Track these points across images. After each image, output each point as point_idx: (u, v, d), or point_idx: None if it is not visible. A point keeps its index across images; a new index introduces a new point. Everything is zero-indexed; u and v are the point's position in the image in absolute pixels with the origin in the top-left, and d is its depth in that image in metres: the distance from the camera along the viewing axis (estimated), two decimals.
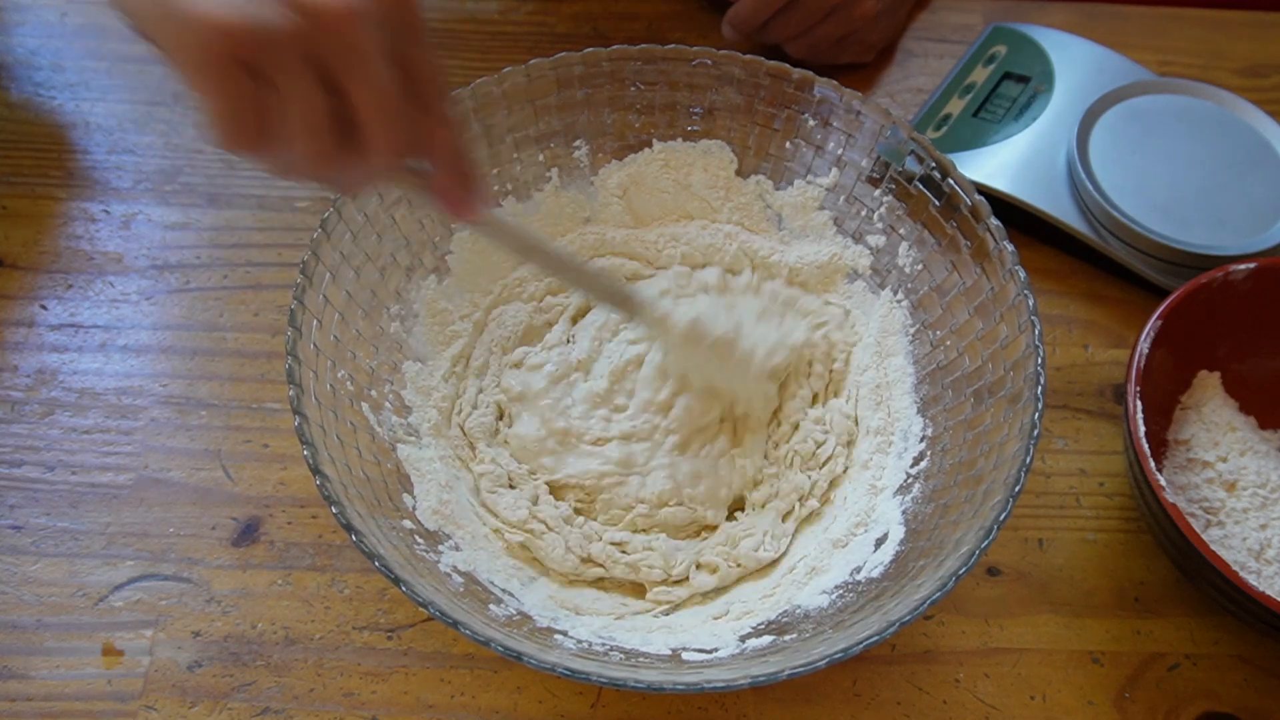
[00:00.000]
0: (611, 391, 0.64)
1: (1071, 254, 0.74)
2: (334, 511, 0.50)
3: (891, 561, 0.56)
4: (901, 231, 0.66)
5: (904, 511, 0.58)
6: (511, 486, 0.62)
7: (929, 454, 0.60)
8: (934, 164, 0.63)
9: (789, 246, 0.69)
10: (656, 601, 0.59)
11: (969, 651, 0.60)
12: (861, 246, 0.67)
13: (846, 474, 0.63)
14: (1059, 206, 0.73)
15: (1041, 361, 0.55)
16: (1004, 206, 0.73)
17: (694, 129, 0.69)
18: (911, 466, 0.60)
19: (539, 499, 0.61)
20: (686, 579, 0.59)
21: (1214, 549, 0.55)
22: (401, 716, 0.57)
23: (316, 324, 0.57)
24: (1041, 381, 0.55)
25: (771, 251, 0.69)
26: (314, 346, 0.56)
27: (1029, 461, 0.52)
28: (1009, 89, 0.79)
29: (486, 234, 0.53)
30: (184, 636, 0.58)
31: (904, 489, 0.60)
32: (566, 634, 0.54)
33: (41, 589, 0.60)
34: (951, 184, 0.62)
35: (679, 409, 0.62)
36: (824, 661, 0.48)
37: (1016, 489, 0.52)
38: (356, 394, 0.59)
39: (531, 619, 0.55)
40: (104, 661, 0.58)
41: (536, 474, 0.62)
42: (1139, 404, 0.58)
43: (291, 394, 0.53)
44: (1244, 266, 0.63)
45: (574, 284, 0.59)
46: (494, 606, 0.54)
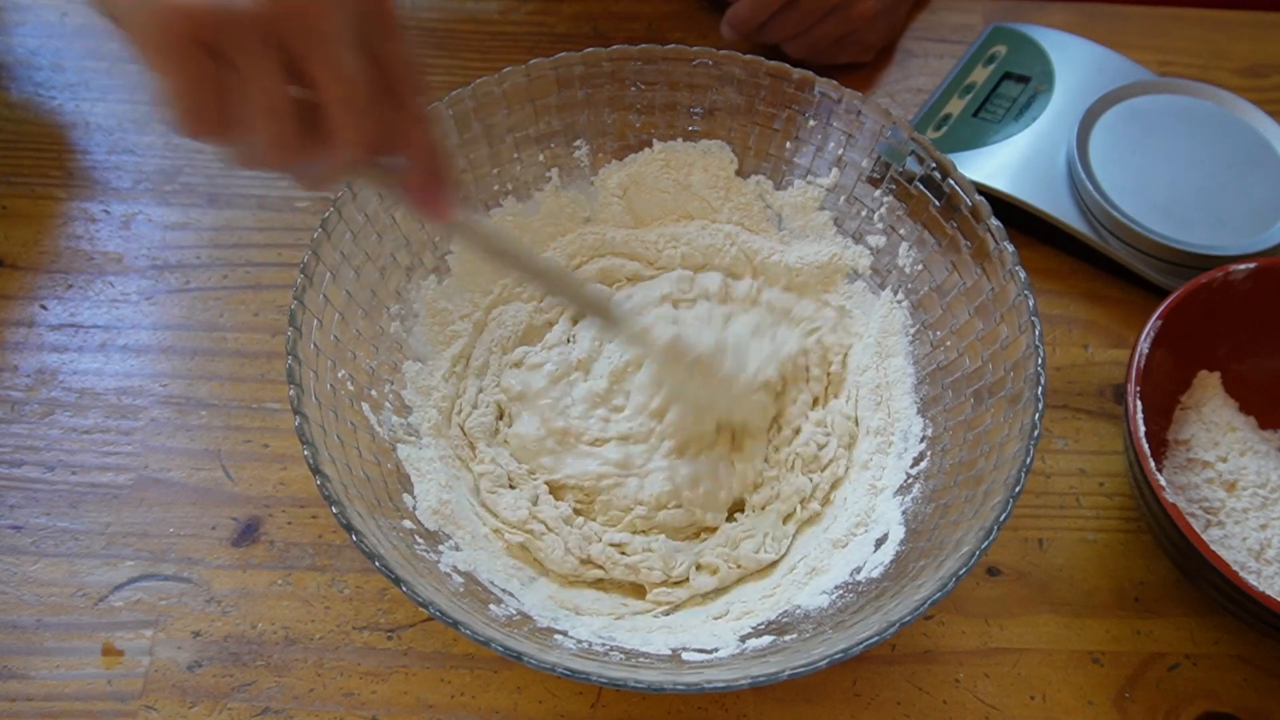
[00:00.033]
0: (610, 391, 0.64)
1: (1071, 254, 0.74)
2: (334, 511, 0.50)
3: (891, 561, 0.56)
4: (902, 232, 0.66)
5: (904, 512, 0.58)
6: (511, 486, 0.62)
7: (929, 454, 0.60)
8: (934, 164, 0.63)
9: (789, 247, 0.69)
10: (656, 602, 0.59)
11: (969, 651, 0.60)
12: (861, 247, 0.67)
13: (847, 474, 0.63)
14: (1059, 206, 0.73)
15: (1041, 362, 0.55)
16: (1004, 206, 0.73)
17: (694, 129, 0.69)
18: (911, 467, 0.60)
19: (539, 499, 0.61)
20: (686, 580, 0.59)
21: (1214, 549, 0.56)
22: (401, 716, 0.57)
23: (316, 324, 0.57)
24: (1041, 382, 0.55)
25: (771, 252, 0.69)
26: (314, 346, 0.56)
27: (1029, 461, 0.52)
28: (1009, 89, 0.79)
29: (461, 237, 0.51)
30: (184, 636, 0.58)
31: (904, 489, 0.60)
32: (566, 634, 0.54)
33: (41, 589, 0.60)
34: (952, 184, 0.62)
35: (673, 415, 0.62)
36: (824, 661, 0.48)
37: (1016, 489, 0.52)
38: (356, 394, 0.59)
39: (531, 619, 0.55)
40: (104, 661, 0.58)
41: (536, 474, 0.62)
42: (1139, 404, 0.58)
43: (291, 394, 0.53)
44: (1244, 266, 0.63)
45: (553, 292, 0.57)
46: (494, 606, 0.54)
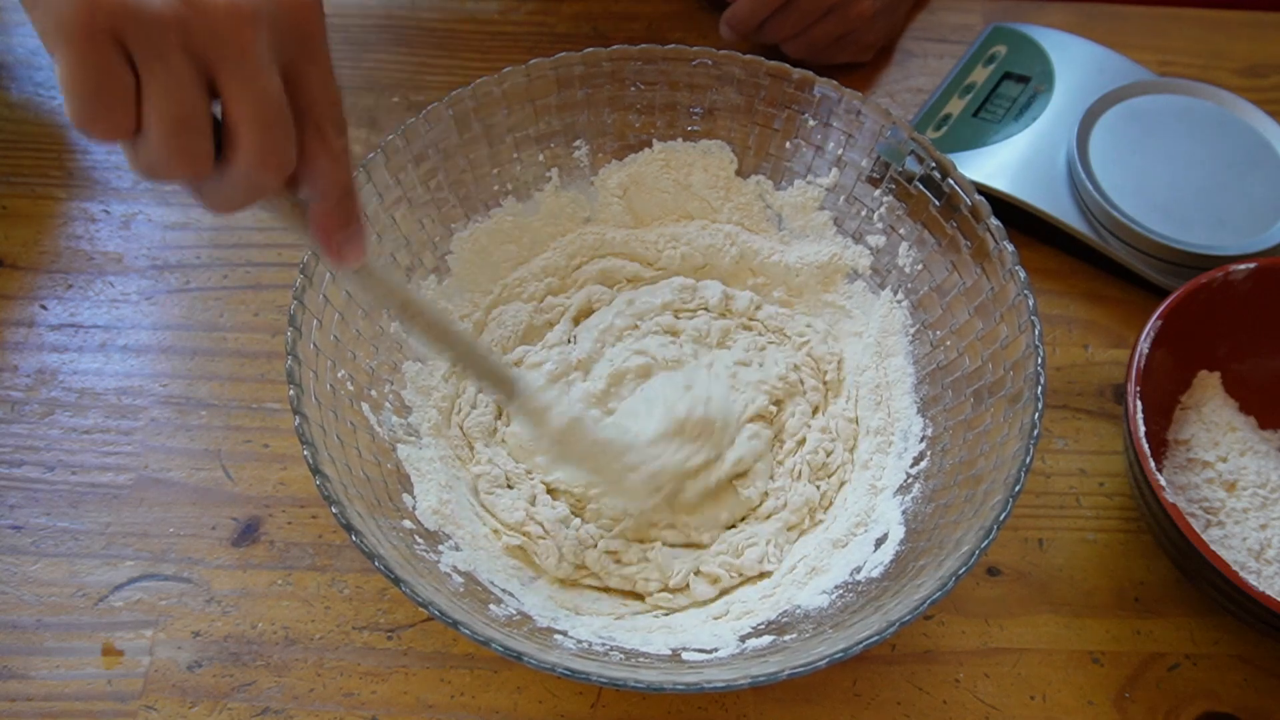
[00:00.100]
0: (607, 394, 0.64)
1: (1071, 254, 0.74)
2: (334, 511, 0.50)
3: (891, 561, 0.56)
4: (901, 231, 0.66)
5: (904, 511, 0.58)
6: (509, 486, 0.62)
7: (929, 454, 0.60)
8: (934, 164, 0.63)
9: (789, 247, 0.69)
10: (656, 606, 0.59)
11: (969, 651, 0.60)
12: (861, 246, 0.67)
13: (847, 474, 0.63)
14: (1059, 206, 0.73)
15: (1041, 361, 0.55)
16: (1004, 206, 0.73)
17: (694, 129, 0.69)
18: (911, 466, 0.60)
19: (536, 499, 0.61)
20: (686, 587, 0.59)
21: (1214, 549, 0.56)
22: (401, 716, 0.57)
23: (316, 324, 0.57)
24: (1041, 381, 0.55)
25: (771, 252, 0.69)
26: (314, 346, 0.56)
27: (1029, 461, 0.52)
28: (1009, 89, 0.79)
29: (360, 284, 0.48)
30: (184, 636, 0.58)
31: (904, 489, 0.60)
32: (566, 634, 0.54)
33: (41, 589, 0.60)
34: (951, 184, 0.62)
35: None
36: (824, 661, 0.48)
37: (1016, 489, 0.52)
38: (356, 394, 0.59)
39: (531, 619, 0.55)
40: (104, 661, 0.58)
41: (533, 473, 0.62)
42: (1139, 404, 0.58)
43: (291, 394, 0.53)
44: (1244, 266, 0.63)
45: (448, 355, 0.53)
46: (494, 606, 0.54)
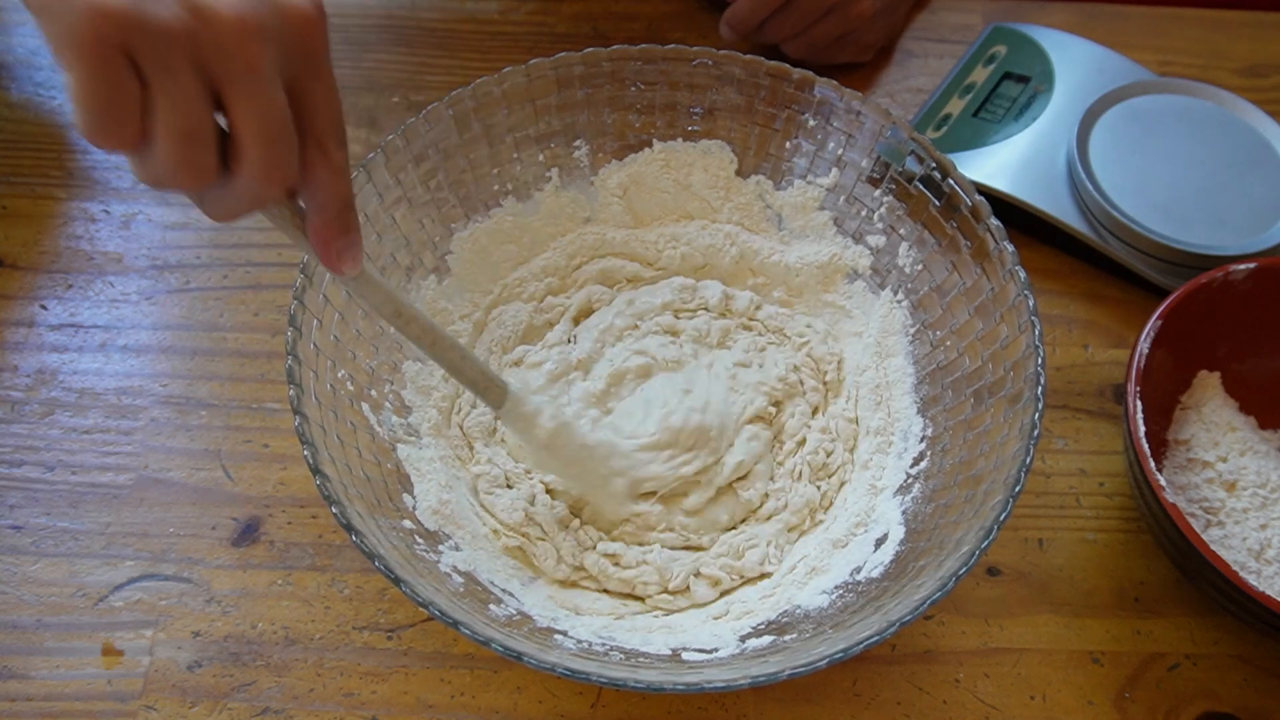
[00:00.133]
0: (606, 394, 0.64)
1: (1071, 254, 0.74)
2: (334, 511, 0.50)
3: (891, 561, 0.56)
4: (901, 231, 0.66)
5: (904, 511, 0.58)
6: (509, 486, 0.62)
7: (929, 454, 0.60)
8: (934, 164, 0.63)
9: (789, 247, 0.69)
10: (656, 607, 0.59)
11: (969, 651, 0.60)
12: (861, 246, 0.67)
13: (848, 474, 0.63)
14: (1059, 206, 0.73)
15: (1041, 361, 0.55)
16: (1004, 206, 0.73)
17: (694, 129, 0.69)
18: (911, 466, 0.60)
19: (535, 499, 0.61)
20: (686, 589, 0.59)
21: (1214, 549, 0.56)
22: (401, 716, 0.57)
23: (316, 324, 0.57)
24: (1041, 381, 0.55)
25: (771, 252, 0.69)
26: (314, 346, 0.56)
27: (1029, 461, 0.52)
28: (1009, 89, 0.79)
29: (356, 290, 0.50)
30: (184, 636, 0.58)
31: (904, 489, 0.60)
32: (566, 634, 0.54)
33: (41, 589, 0.60)
34: (951, 184, 0.62)
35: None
36: (824, 661, 0.48)
37: (1016, 489, 0.52)
38: (356, 394, 0.59)
39: (531, 619, 0.55)
40: (104, 661, 0.58)
41: (533, 473, 0.62)
42: (1139, 404, 0.58)
43: (291, 394, 0.53)
44: (1244, 266, 0.63)
45: (440, 360, 0.55)
46: (494, 606, 0.54)
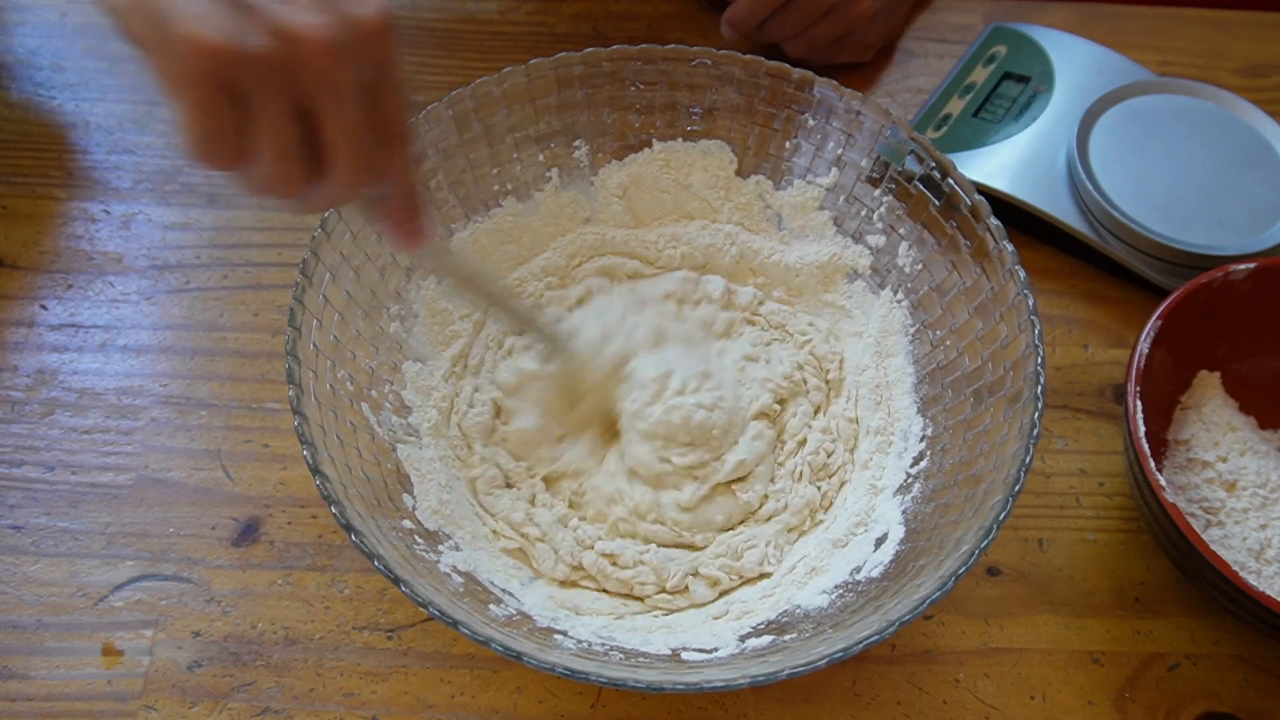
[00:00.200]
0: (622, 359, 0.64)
1: (1071, 254, 0.74)
2: (334, 511, 0.50)
3: (891, 561, 0.56)
4: (901, 231, 0.66)
5: (904, 511, 0.58)
6: (509, 486, 0.62)
7: (929, 454, 0.60)
8: (934, 164, 0.63)
9: (789, 246, 0.69)
10: (656, 607, 0.59)
11: (969, 651, 0.60)
12: (861, 246, 0.67)
13: (848, 474, 0.63)
14: (1059, 206, 0.73)
15: (1041, 361, 0.55)
16: (1004, 206, 0.73)
17: (694, 129, 0.69)
18: (911, 466, 0.60)
19: (535, 498, 0.61)
20: (685, 589, 0.59)
21: (1214, 549, 0.55)
22: (401, 716, 0.57)
23: (316, 324, 0.57)
24: (1041, 381, 0.55)
25: (771, 252, 0.69)
26: (314, 346, 0.56)
27: (1029, 461, 0.52)
28: (1009, 89, 0.79)
29: (430, 265, 0.55)
30: (184, 636, 0.58)
31: (904, 489, 0.60)
32: (566, 634, 0.54)
33: (41, 589, 0.60)
34: (951, 184, 0.62)
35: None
36: (824, 661, 0.48)
37: (1016, 489, 0.52)
38: (356, 394, 0.59)
39: (531, 619, 0.55)
40: (104, 661, 0.58)
41: (535, 469, 0.62)
42: (1139, 404, 0.58)
43: (291, 394, 0.53)
44: (1244, 266, 0.63)
45: (510, 322, 0.60)
46: (494, 606, 0.54)
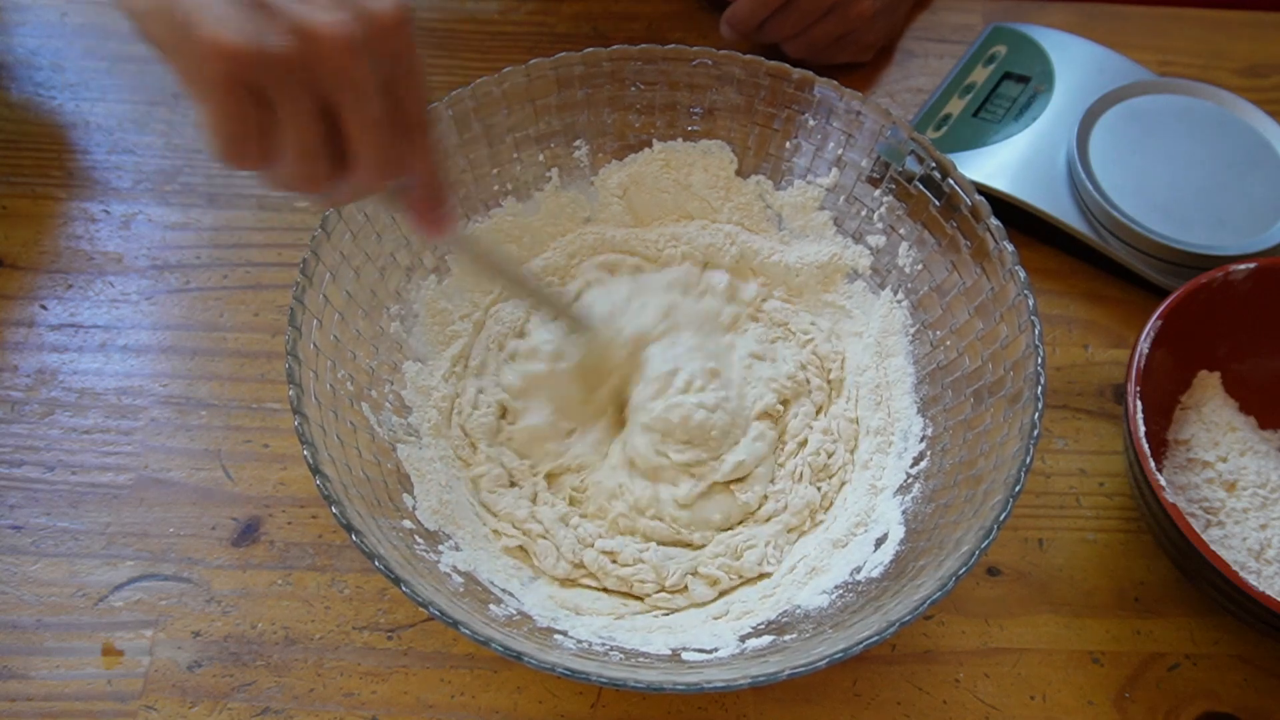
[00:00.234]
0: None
1: (1071, 254, 0.74)
2: (334, 511, 0.50)
3: (891, 561, 0.56)
4: (901, 231, 0.66)
5: (904, 511, 0.58)
6: (513, 484, 0.62)
7: (929, 454, 0.60)
8: (934, 164, 0.63)
9: (789, 246, 0.69)
10: (655, 606, 0.59)
11: (969, 651, 0.60)
12: (861, 246, 0.67)
13: (848, 475, 0.63)
14: (1059, 206, 0.73)
15: (1041, 361, 0.55)
16: (1004, 206, 0.73)
17: (694, 129, 0.69)
18: (911, 466, 0.60)
19: (537, 495, 0.61)
20: (684, 588, 0.59)
21: (1214, 549, 0.55)
22: (401, 716, 0.57)
23: (316, 324, 0.57)
24: (1041, 381, 0.55)
25: (771, 252, 0.69)
26: (314, 346, 0.56)
27: (1029, 461, 0.52)
28: (1009, 89, 0.79)
29: (455, 250, 0.57)
30: (184, 636, 0.58)
31: (904, 489, 0.60)
32: (566, 634, 0.54)
33: (41, 589, 0.60)
34: (951, 184, 0.62)
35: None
36: (824, 661, 0.48)
37: (1016, 489, 0.52)
38: (356, 394, 0.59)
39: (531, 619, 0.55)
40: (104, 661, 0.58)
41: (539, 465, 0.62)
42: (1139, 404, 0.58)
43: (291, 394, 0.53)
44: (1244, 266, 0.63)
45: (536, 304, 0.62)
46: (494, 606, 0.54)
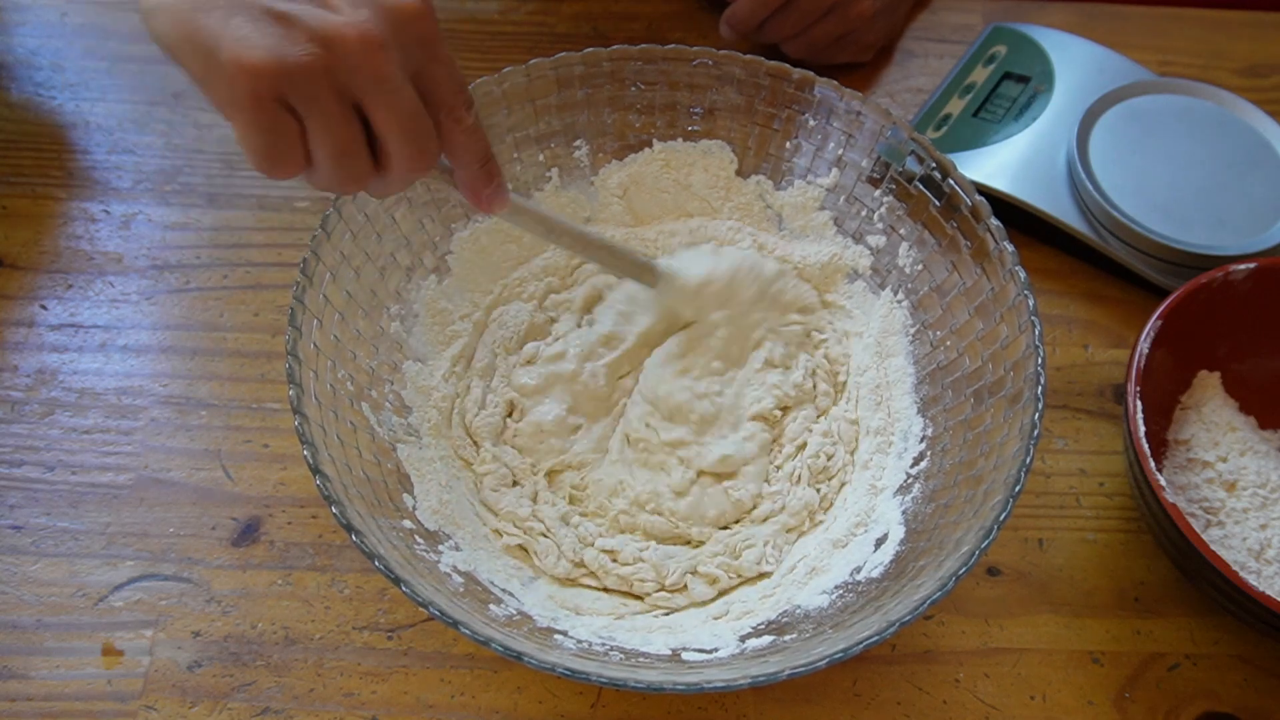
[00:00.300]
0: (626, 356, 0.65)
1: (1071, 254, 0.74)
2: (334, 511, 0.50)
3: (891, 561, 0.56)
4: (902, 232, 0.66)
5: (904, 511, 0.58)
6: (515, 484, 0.62)
7: (929, 454, 0.60)
8: (934, 164, 0.63)
9: (789, 247, 0.69)
10: (655, 606, 0.59)
11: (969, 651, 0.60)
12: (862, 247, 0.67)
13: (848, 475, 0.63)
14: (1059, 206, 0.73)
15: (1041, 361, 0.55)
16: (1004, 206, 0.73)
17: (694, 129, 0.69)
18: (911, 466, 0.60)
19: (538, 495, 0.61)
20: (684, 587, 0.59)
21: (1214, 549, 0.56)
22: (401, 716, 0.57)
23: (317, 324, 0.57)
24: (1041, 381, 0.55)
25: (774, 249, 0.69)
26: (314, 346, 0.56)
27: (1029, 461, 0.52)
28: (1009, 89, 0.79)
29: (508, 221, 0.58)
30: (184, 636, 0.58)
31: (904, 489, 0.60)
32: (566, 634, 0.54)
33: (41, 589, 0.60)
34: (952, 184, 0.62)
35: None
36: (824, 661, 0.48)
37: (1016, 489, 0.52)
38: (356, 394, 0.59)
39: (531, 619, 0.55)
40: (104, 661, 0.58)
41: (541, 462, 0.62)
42: (1139, 404, 0.58)
43: (291, 394, 0.53)
44: (1244, 266, 0.63)
45: (597, 259, 0.62)
46: (494, 606, 0.54)
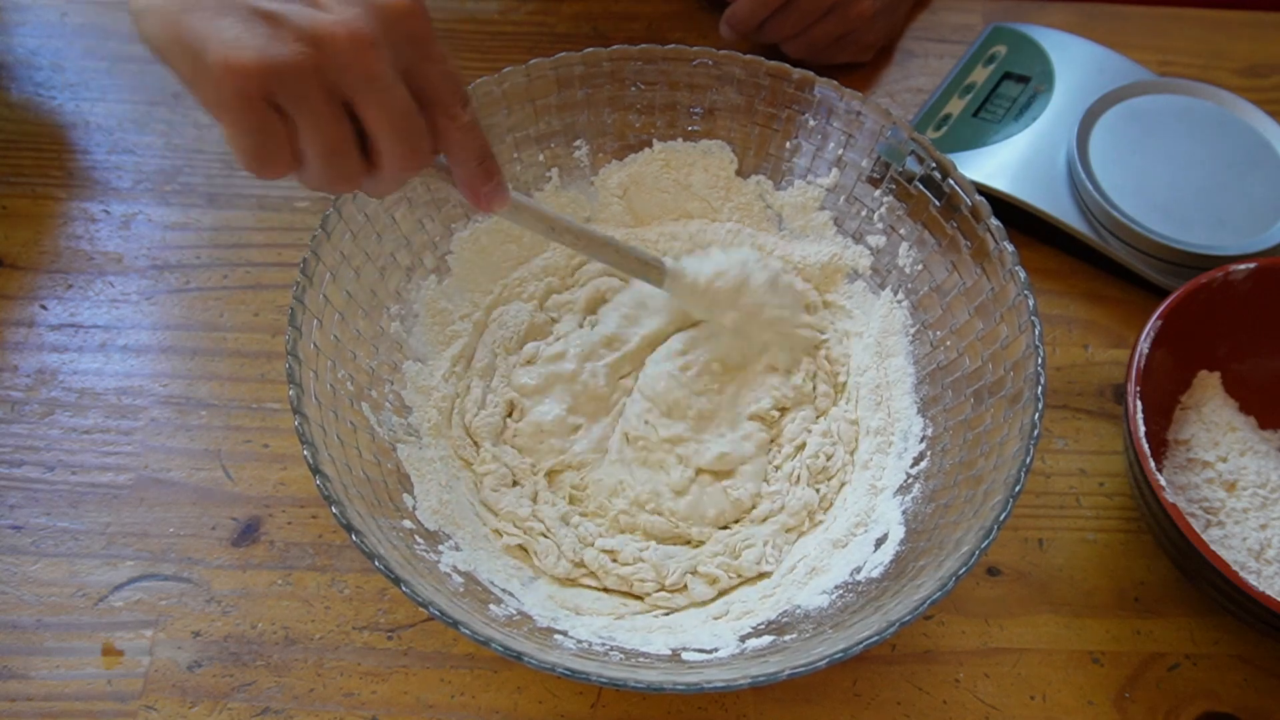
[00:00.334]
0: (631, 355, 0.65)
1: (1071, 254, 0.74)
2: (334, 511, 0.50)
3: (891, 561, 0.56)
4: (902, 232, 0.66)
5: (904, 511, 0.58)
6: (515, 484, 0.62)
7: (929, 454, 0.60)
8: (934, 164, 0.63)
9: (789, 247, 0.69)
10: (655, 605, 0.59)
11: (969, 651, 0.60)
12: (862, 247, 0.67)
13: (848, 475, 0.63)
14: (1059, 206, 0.73)
15: (1041, 361, 0.55)
16: (1004, 206, 0.73)
17: (694, 129, 0.69)
18: (911, 466, 0.60)
19: (538, 495, 0.61)
20: (684, 587, 0.59)
21: (1214, 549, 0.55)
22: (401, 716, 0.57)
23: (317, 324, 0.57)
24: (1041, 381, 0.55)
25: (774, 248, 0.69)
26: (314, 346, 0.56)
27: (1029, 461, 0.52)
28: (1009, 89, 0.79)
29: (512, 219, 0.57)
30: (184, 636, 0.58)
31: (904, 489, 0.60)
32: (566, 634, 0.54)
33: (41, 589, 0.60)
34: (952, 184, 0.62)
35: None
36: (824, 661, 0.48)
37: (1016, 489, 0.52)
38: (356, 394, 0.59)
39: (531, 619, 0.55)
40: (104, 661, 0.58)
41: (541, 463, 0.62)
42: (1139, 404, 0.58)
43: (291, 394, 0.53)
44: (1244, 266, 0.63)
45: (601, 257, 0.62)
46: (494, 606, 0.54)
